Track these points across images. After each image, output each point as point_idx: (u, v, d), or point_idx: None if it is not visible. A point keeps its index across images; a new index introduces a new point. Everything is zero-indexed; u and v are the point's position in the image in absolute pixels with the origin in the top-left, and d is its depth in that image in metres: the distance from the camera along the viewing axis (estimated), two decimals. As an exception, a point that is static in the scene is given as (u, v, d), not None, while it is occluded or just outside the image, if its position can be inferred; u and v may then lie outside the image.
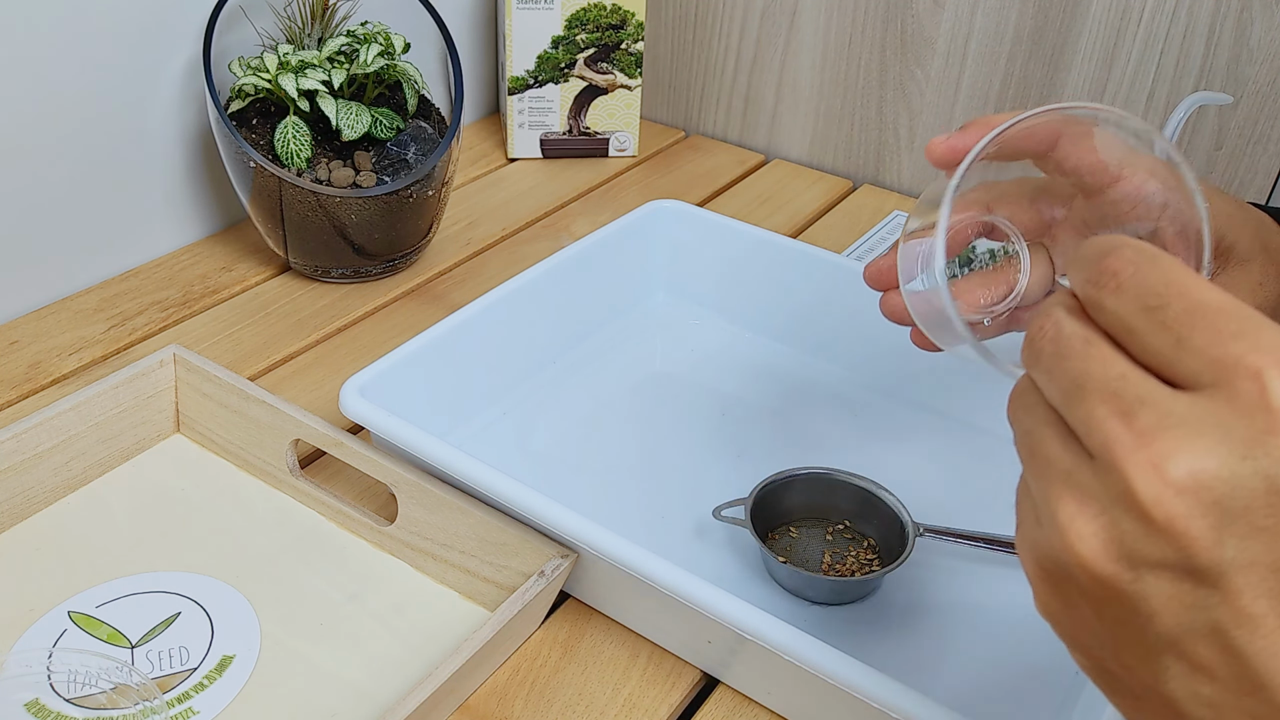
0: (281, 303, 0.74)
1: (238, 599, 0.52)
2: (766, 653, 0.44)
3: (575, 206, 0.88)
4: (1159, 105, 0.79)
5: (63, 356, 0.67)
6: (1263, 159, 0.76)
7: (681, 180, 0.93)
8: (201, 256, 0.78)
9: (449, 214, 0.85)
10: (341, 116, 0.70)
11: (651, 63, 1.01)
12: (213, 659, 0.49)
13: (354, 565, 0.54)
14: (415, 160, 0.73)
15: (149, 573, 0.53)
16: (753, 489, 0.55)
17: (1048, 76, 0.82)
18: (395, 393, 0.55)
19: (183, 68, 0.74)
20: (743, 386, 0.67)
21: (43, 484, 0.56)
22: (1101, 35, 0.79)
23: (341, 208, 0.70)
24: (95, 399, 0.57)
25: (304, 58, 0.70)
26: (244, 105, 0.71)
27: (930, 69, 0.87)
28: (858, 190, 0.93)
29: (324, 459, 0.61)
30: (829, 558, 0.54)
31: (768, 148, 0.98)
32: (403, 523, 0.54)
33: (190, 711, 0.47)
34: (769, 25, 0.93)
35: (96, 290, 0.74)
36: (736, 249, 0.70)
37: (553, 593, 0.50)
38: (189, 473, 0.59)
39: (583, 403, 0.65)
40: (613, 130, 0.94)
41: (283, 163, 0.69)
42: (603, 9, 0.89)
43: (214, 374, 0.58)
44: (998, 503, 0.59)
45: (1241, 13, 0.73)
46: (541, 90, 0.92)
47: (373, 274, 0.76)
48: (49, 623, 0.50)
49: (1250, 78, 0.75)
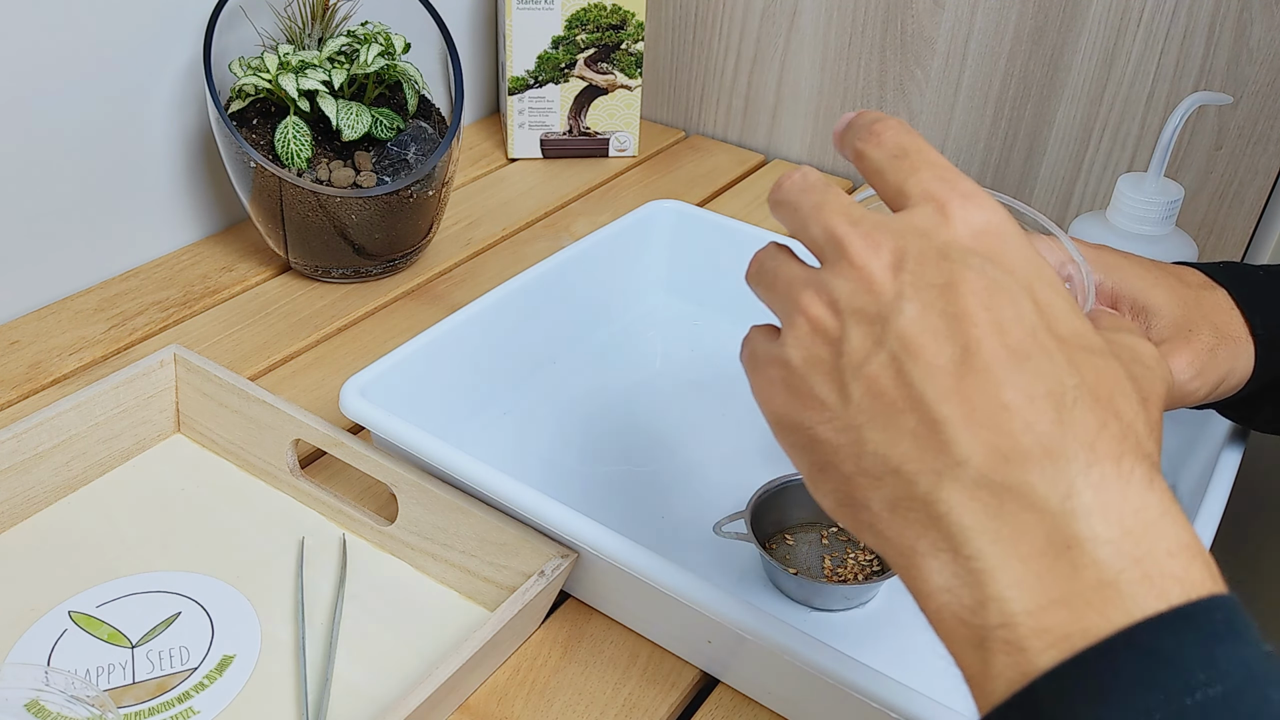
0: (282, 303, 0.74)
1: (238, 599, 0.52)
2: (766, 652, 0.44)
3: (575, 206, 0.88)
4: (1159, 105, 0.79)
5: (63, 356, 0.67)
6: (1263, 159, 0.76)
7: (681, 180, 0.93)
8: (202, 256, 0.78)
9: (449, 214, 0.85)
10: (342, 117, 0.70)
11: (651, 63, 1.01)
12: (213, 659, 0.49)
13: (354, 565, 0.54)
14: (415, 160, 0.73)
15: (149, 572, 0.53)
16: (749, 500, 0.55)
17: (1048, 76, 0.82)
18: (395, 393, 0.56)
19: (183, 68, 0.74)
20: (742, 386, 0.67)
21: (43, 484, 0.56)
22: (1101, 35, 0.79)
23: (342, 208, 0.70)
24: (96, 399, 0.57)
25: (304, 58, 0.70)
26: (244, 105, 0.71)
27: (930, 69, 0.87)
28: (858, 190, 0.93)
29: (324, 459, 0.61)
30: (829, 562, 0.54)
31: (768, 148, 0.98)
32: (403, 522, 0.54)
33: (190, 711, 0.47)
34: (769, 25, 0.93)
35: (97, 290, 0.74)
36: (736, 249, 0.70)
37: (553, 592, 0.50)
38: (189, 473, 0.59)
39: (583, 403, 0.65)
40: (613, 130, 0.94)
41: (283, 163, 0.69)
42: (603, 9, 0.89)
43: (214, 374, 0.58)
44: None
45: (1241, 13, 0.73)
46: (542, 90, 0.92)
47: (373, 274, 0.76)
48: (49, 622, 0.50)
49: (1250, 78, 0.75)
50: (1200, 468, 0.55)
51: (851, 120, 0.36)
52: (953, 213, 0.32)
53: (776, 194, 0.35)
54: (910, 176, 0.33)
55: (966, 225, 0.31)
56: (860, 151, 0.35)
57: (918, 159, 0.33)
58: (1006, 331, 0.29)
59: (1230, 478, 0.52)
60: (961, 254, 0.31)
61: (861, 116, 0.36)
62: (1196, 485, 0.54)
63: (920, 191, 0.32)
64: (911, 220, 0.32)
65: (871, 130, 0.34)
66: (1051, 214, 0.87)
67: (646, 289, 0.73)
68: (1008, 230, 0.32)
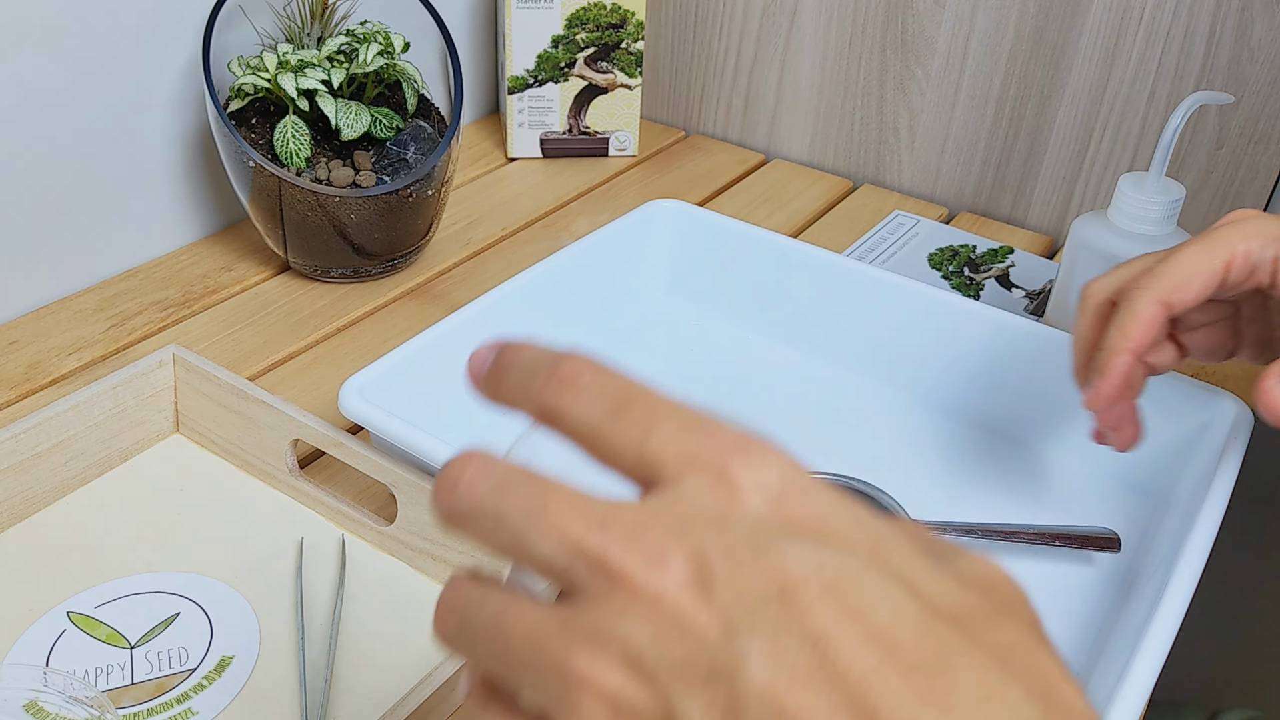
0: (281, 303, 0.74)
1: (237, 599, 0.52)
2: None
3: (575, 206, 0.88)
4: (1159, 105, 0.79)
5: (62, 356, 0.67)
6: (1263, 159, 0.76)
7: (681, 180, 0.93)
8: (201, 256, 0.78)
9: (449, 214, 0.85)
10: (341, 116, 0.70)
11: (651, 62, 1.01)
12: (212, 659, 0.49)
13: (354, 565, 0.54)
14: (415, 160, 0.73)
15: (148, 573, 0.53)
16: None
17: (1048, 76, 0.82)
18: (395, 393, 0.55)
19: (182, 67, 0.74)
20: (742, 386, 0.67)
21: (42, 484, 0.55)
22: (1102, 35, 0.79)
23: (341, 207, 0.70)
24: (94, 399, 0.57)
25: (303, 57, 0.70)
26: (243, 105, 0.71)
27: (930, 68, 0.87)
28: (858, 190, 0.93)
29: (324, 459, 0.60)
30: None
31: (768, 147, 0.98)
32: (402, 523, 0.54)
33: (190, 712, 0.46)
34: (769, 25, 0.93)
35: (95, 290, 0.74)
36: (736, 249, 0.70)
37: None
38: (188, 473, 0.59)
39: (583, 403, 0.65)
40: (613, 130, 0.94)
41: (282, 162, 0.69)
42: (603, 8, 0.89)
43: (213, 374, 0.58)
44: (992, 494, 0.59)
45: (1242, 12, 0.73)
46: (541, 90, 0.92)
47: (372, 274, 0.76)
48: (48, 623, 0.50)
49: (1251, 77, 0.75)
50: (1201, 468, 0.55)
51: (505, 357, 0.25)
52: (736, 478, 0.22)
53: (449, 501, 0.24)
54: (650, 437, 0.23)
55: (761, 492, 0.22)
56: (552, 410, 0.24)
57: (648, 408, 0.23)
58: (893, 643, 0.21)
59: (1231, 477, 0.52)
60: (777, 539, 0.22)
61: (519, 352, 0.25)
62: (1197, 485, 0.54)
63: (676, 456, 0.23)
64: (685, 504, 0.22)
65: (559, 376, 0.24)
66: (1052, 214, 0.87)
67: (646, 289, 0.73)
68: (806, 480, 0.23)
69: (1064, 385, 0.61)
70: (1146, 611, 0.45)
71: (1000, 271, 0.80)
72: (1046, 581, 0.54)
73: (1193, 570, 0.47)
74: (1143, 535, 0.57)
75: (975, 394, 0.64)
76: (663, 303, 0.74)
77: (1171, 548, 0.49)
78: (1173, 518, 0.55)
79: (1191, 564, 0.47)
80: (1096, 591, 0.54)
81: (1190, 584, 0.46)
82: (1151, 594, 0.47)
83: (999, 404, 0.63)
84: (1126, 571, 0.55)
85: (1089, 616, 0.52)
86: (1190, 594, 0.46)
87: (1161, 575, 0.48)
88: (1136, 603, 0.49)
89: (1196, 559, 0.47)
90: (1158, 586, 0.47)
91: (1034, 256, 0.82)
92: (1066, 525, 0.55)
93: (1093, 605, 0.53)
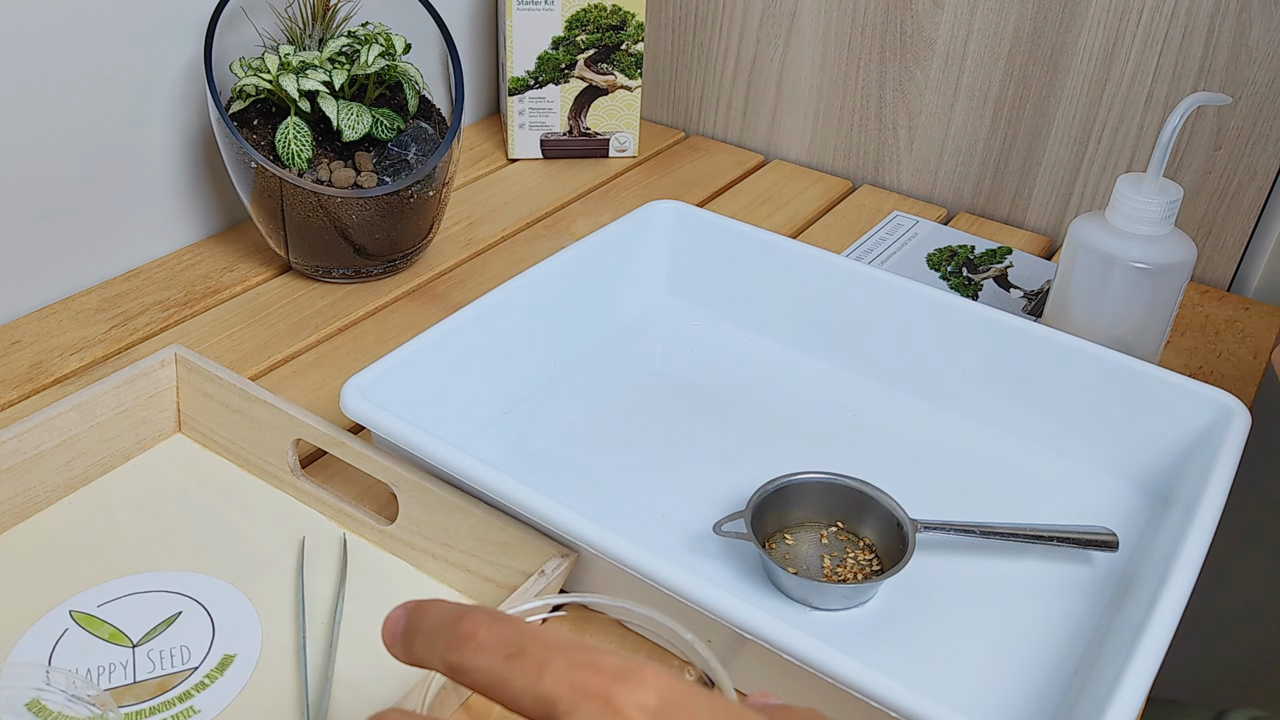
0: (282, 303, 0.74)
1: (239, 598, 0.52)
2: (766, 652, 0.44)
3: (575, 207, 0.88)
4: (1157, 106, 0.79)
5: (64, 356, 0.67)
6: (1261, 159, 0.77)
7: (681, 181, 0.93)
8: (203, 256, 0.78)
9: (449, 214, 0.85)
10: (342, 117, 0.70)
11: (651, 63, 1.01)
12: (214, 658, 0.49)
13: (355, 564, 0.54)
14: (416, 161, 0.73)
15: (150, 572, 0.53)
16: (749, 500, 0.55)
17: (1047, 76, 0.82)
18: (396, 393, 0.56)
19: (183, 68, 0.74)
20: (742, 386, 0.67)
21: (44, 484, 0.56)
22: (1101, 35, 0.79)
23: (342, 208, 0.70)
24: (96, 399, 0.57)
25: (305, 58, 0.70)
26: (245, 106, 0.71)
27: (930, 69, 0.87)
28: (857, 190, 0.93)
29: (325, 459, 0.61)
30: (829, 562, 0.55)
31: (767, 148, 0.98)
32: (403, 522, 0.54)
33: (191, 711, 0.47)
34: (769, 26, 0.93)
35: (98, 290, 0.74)
36: (736, 249, 0.70)
37: (552, 592, 0.50)
38: (190, 473, 0.59)
39: (583, 402, 0.65)
40: (613, 131, 0.94)
41: (284, 163, 0.69)
42: (603, 10, 0.89)
43: (215, 374, 0.58)
44: (991, 494, 0.59)
45: (1240, 13, 0.73)
46: (542, 91, 0.92)
47: (373, 274, 0.76)
48: (50, 622, 0.50)
49: (1249, 78, 0.75)
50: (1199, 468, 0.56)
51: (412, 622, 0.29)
52: (618, 702, 0.26)
53: None
54: (543, 677, 0.26)
55: (643, 712, 0.26)
56: (456, 665, 0.28)
57: (539, 651, 0.27)
58: None
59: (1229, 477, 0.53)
60: None
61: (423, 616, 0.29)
62: (1195, 485, 0.54)
63: (568, 690, 0.26)
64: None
65: (459, 634, 0.28)
66: (1050, 214, 0.87)
67: (646, 289, 0.74)
68: (687, 695, 0.26)
69: (1062, 385, 0.61)
70: (1144, 611, 0.46)
71: (999, 272, 0.80)
72: (1045, 581, 0.54)
73: (1190, 570, 0.47)
74: (1141, 535, 0.57)
75: (974, 394, 0.64)
76: (663, 303, 0.74)
77: (1170, 547, 0.49)
78: (1171, 518, 0.55)
79: (1189, 564, 0.47)
80: (1095, 591, 0.54)
81: (1188, 583, 0.46)
82: (1149, 594, 0.47)
83: (997, 404, 0.63)
84: (1125, 571, 0.55)
85: (1087, 616, 0.52)
86: (1188, 594, 0.46)
87: (1159, 575, 0.48)
88: (1134, 602, 0.50)
89: (1194, 559, 0.47)
90: (1155, 586, 0.47)
91: (1032, 257, 0.82)
92: (1065, 525, 0.56)
93: (1091, 605, 0.53)
